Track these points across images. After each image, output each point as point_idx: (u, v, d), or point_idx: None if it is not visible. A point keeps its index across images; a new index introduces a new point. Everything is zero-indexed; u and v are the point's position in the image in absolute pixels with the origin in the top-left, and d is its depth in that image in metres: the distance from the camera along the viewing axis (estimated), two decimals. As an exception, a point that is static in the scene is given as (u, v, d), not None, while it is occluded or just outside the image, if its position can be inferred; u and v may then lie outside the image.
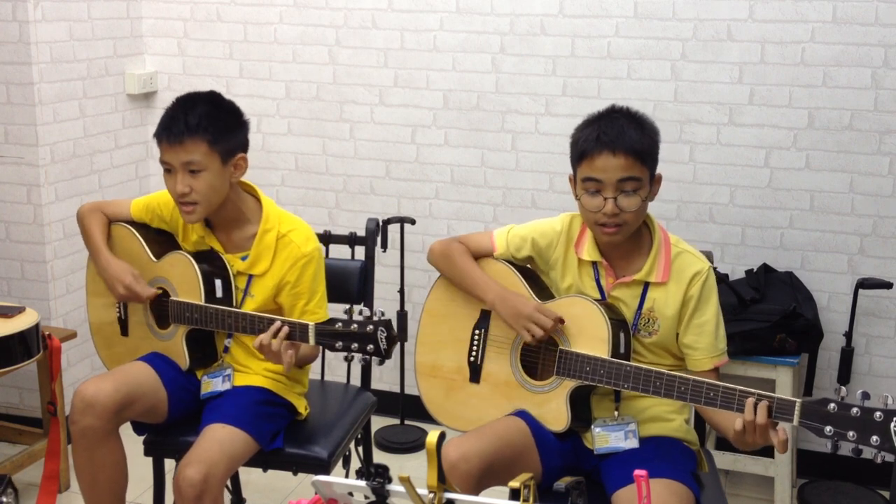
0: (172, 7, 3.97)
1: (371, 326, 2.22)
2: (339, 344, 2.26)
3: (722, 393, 2.02)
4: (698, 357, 2.26)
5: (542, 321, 2.23)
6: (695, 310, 2.25)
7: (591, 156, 2.19)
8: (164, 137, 2.44)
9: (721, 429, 2.16)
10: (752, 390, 1.99)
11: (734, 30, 3.34)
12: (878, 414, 1.85)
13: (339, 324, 2.26)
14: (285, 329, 2.33)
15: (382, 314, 2.24)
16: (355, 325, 2.24)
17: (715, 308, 2.26)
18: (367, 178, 3.87)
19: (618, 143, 2.17)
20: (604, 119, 2.24)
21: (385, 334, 2.22)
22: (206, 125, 2.41)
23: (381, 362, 2.25)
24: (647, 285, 2.27)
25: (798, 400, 1.94)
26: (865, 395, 1.88)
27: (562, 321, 2.24)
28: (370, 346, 2.23)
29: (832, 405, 1.89)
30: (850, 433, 1.87)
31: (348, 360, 2.30)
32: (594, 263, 2.31)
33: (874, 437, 1.85)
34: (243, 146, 2.52)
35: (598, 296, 2.30)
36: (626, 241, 2.27)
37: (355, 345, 2.24)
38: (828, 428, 1.89)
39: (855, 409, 1.87)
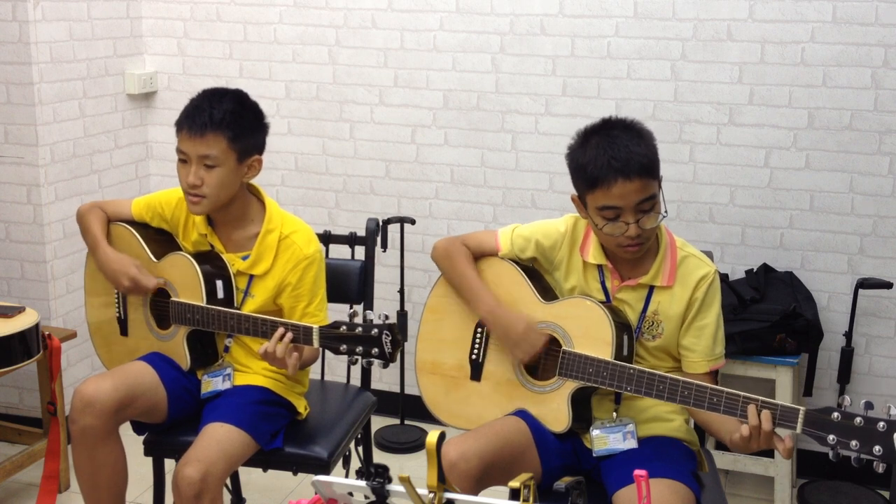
0: (172, 7, 3.97)
1: (375, 330, 2.22)
2: (343, 347, 2.26)
3: (726, 399, 2.01)
4: (694, 359, 2.26)
5: (530, 345, 2.24)
6: (697, 312, 2.24)
7: (606, 184, 2.13)
8: (185, 127, 2.43)
9: (717, 433, 2.15)
10: (756, 397, 1.98)
11: (734, 30, 3.34)
12: (881, 424, 1.84)
13: (344, 327, 2.26)
14: (289, 335, 2.32)
15: (387, 317, 2.24)
16: (359, 329, 2.23)
17: (717, 312, 2.26)
18: (366, 178, 3.87)
19: (630, 166, 2.11)
20: (603, 138, 2.17)
21: (390, 338, 2.22)
22: (229, 121, 2.42)
23: (385, 366, 2.25)
24: (652, 288, 2.27)
25: (802, 408, 1.93)
26: (869, 405, 1.87)
27: (552, 339, 2.25)
28: (375, 350, 2.22)
29: (836, 414, 1.88)
30: (853, 443, 1.86)
31: (351, 363, 2.29)
32: (599, 266, 2.31)
33: (877, 447, 1.84)
34: (260, 148, 2.53)
35: (602, 298, 2.30)
36: None
37: (360, 348, 2.24)
38: (831, 437, 1.88)
39: (858, 419, 1.86)
